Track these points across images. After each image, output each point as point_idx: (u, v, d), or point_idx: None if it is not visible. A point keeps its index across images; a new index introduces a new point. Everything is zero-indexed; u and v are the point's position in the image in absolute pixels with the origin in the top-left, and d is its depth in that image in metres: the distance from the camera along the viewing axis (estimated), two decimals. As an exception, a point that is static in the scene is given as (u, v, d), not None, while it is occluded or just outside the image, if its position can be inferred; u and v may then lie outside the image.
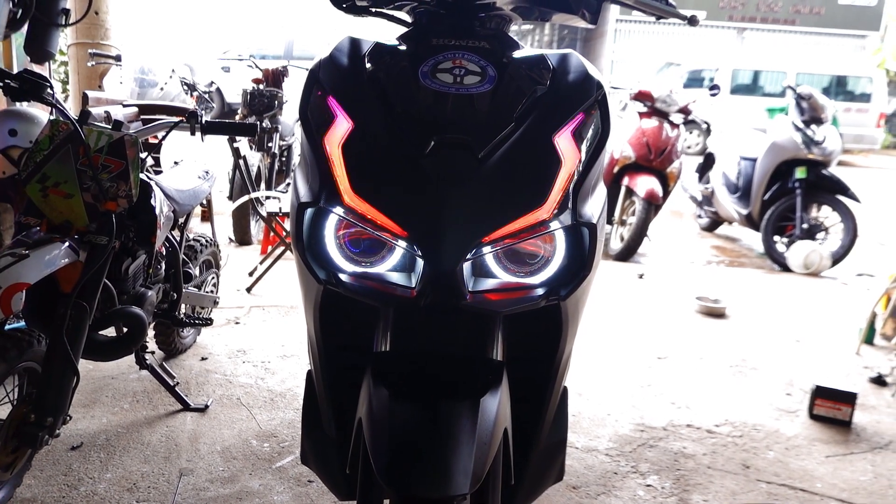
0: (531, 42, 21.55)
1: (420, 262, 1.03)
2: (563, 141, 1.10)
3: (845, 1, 18.31)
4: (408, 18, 1.39)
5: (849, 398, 2.55)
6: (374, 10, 1.38)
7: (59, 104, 1.85)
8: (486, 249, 1.05)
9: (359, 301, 1.10)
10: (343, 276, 1.10)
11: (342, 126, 1.10)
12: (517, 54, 1.23)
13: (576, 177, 1.09)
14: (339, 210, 1.07)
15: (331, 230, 1.11)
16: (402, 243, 1.05)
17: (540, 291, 1.09)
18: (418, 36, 1.27)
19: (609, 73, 17.03)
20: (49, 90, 1.79)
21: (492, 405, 1.03)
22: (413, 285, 1.06)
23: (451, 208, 1.02)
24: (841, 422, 2.55)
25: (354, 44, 1.24)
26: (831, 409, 2.56)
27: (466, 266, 1.03)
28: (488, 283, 1.09)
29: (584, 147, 1.12)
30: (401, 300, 1.06)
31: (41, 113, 2.67)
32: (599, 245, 1.13)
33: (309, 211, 1.11)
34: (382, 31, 1.47)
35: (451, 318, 1.13)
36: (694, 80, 12.70)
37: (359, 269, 1.11)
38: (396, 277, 1.10)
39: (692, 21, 1.39)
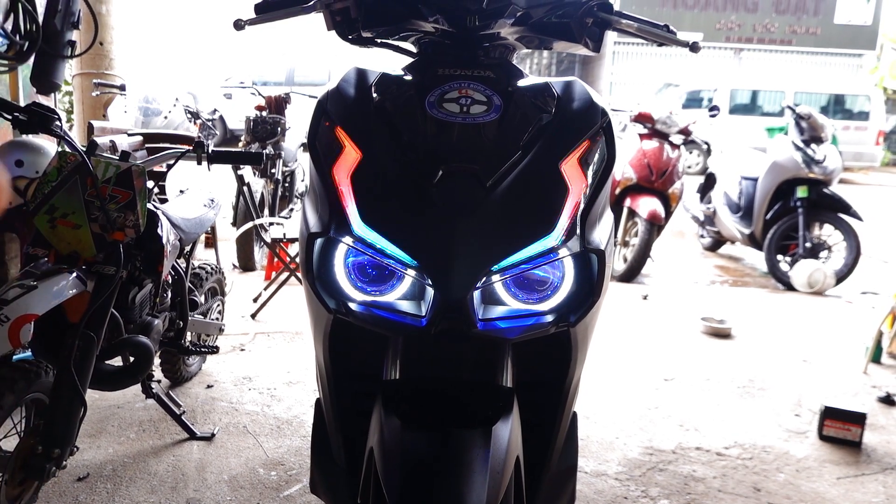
0: (529, 66, 21.73)
1: (430, 291, 1.04)
2: (570, 168, 1.11)
3: (841, 21, 18.49)
4: (413, 49, 1.41)
5: (858, 419, 2.53)
6: (379, 41, 1.40)
7: (67, 136, 1.86)
8: (496, 277, 1.05)
9: (368, 330, 1.11)
10: (353, 306, 1.11)
11: (351, 156, 1.11)
12: (522, 83, 1.24)
13: (583, 203, 1.10)
14: (348, 240, 1.08)
15: (340, 260, 1.12)
16: (412, 272, 1.05)
17: (549, 318, 1.09)
18: (424, 66, 1.28)
19: (608, 95, 17.15)
20: (57, 122, 1.81)
21: (504, 432, 1.03)
22: (423, 314, 1.07)
23: (461, 237, 1.03)
24: (851, 442, 2.53)
25: (361, 74, 1.25)
26: (841, 429, 2.54)
27: (476, 294, 1.04)
28: (498, 311, 1.09)
29: (590, 174, 1.13)
30: (411, 329, 1.06)
31: (47, 143, 2.70)
32: (608, 271, 1.14)
33: (318, 241, 1.12)
34: (386, 60, 1.49)
35: (460, 345, 1.13)
36: (693, 101, 12.78)
37: (368, 298, 1.12)
38: (406, 306, 1.10)
39: (693, 47, 1.40)
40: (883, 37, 18.50)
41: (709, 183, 6.09)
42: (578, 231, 1.08)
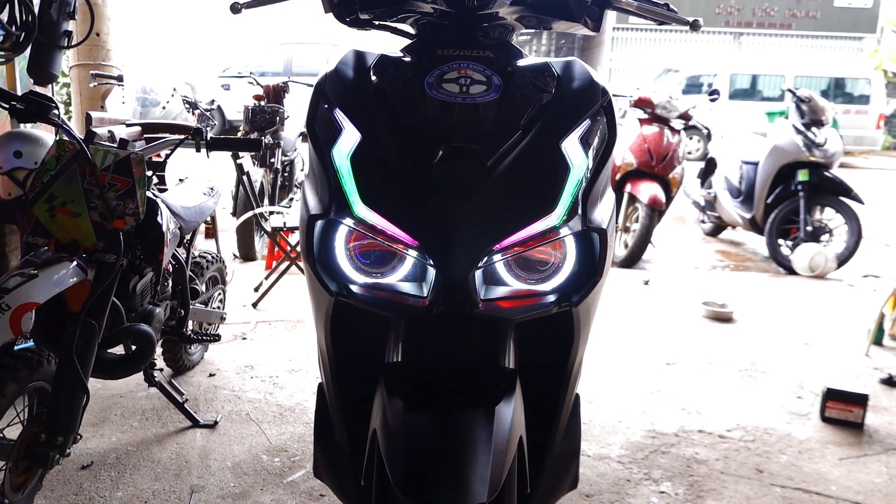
0: (529, 51, 21.62)
1: (431, 272, 1.03)
2: (571, 147, 1.10)
3: (841, 4, 18.38)
4: (411, 30, 1.39)
5: (860, 400, 2.53)
6: (377, 23, 1.39)
7: (64, 125, 1.86)
8: (497, 257, 1.05)
9: (369, 312, 1.10)
10: (354, 288, 1.10)
11: (350, 138, 1.11)
12: (521, 63, 1.23)
13: (584, 183, 1.09)
14: (349, 221, 1.07)
15: (341, 242, 1.11)
16: (414, 253, 1.05)
17: (552, 298, 1.09)
18: (423, 47, 1.27)
19: (608, 80, 17.06)
20: (55, 111, 1.80)
21: (507, 413, 1.02)
22: (425, 294, 1.06)
23: (462, 217, 1.02)
24: (853, 424, 2.53)
25: (359, 56, 1.24)
26: (843, 411, 2.55)
27: (478, 274, 1.03)
28: (500, 291, 1.09)
29: (591, 153, 1.12)
30: (413, 310, 1.06)
31: (45, 134, 2.69)
32: (610, 250, 1.13)
33: (319, 223, 1.11)
34: (384, 43, 1.48)
35: (462, 326, 1.13)
36: (692, 86, 12.71)
37: (370, 280, 1.11)
38: (408, 287, 1.10)
39: (694, 25, 1.39)
40: (883, 20, 18.39)
41: (709, 168, 6.07)
42: (580, 210, 1.08)
